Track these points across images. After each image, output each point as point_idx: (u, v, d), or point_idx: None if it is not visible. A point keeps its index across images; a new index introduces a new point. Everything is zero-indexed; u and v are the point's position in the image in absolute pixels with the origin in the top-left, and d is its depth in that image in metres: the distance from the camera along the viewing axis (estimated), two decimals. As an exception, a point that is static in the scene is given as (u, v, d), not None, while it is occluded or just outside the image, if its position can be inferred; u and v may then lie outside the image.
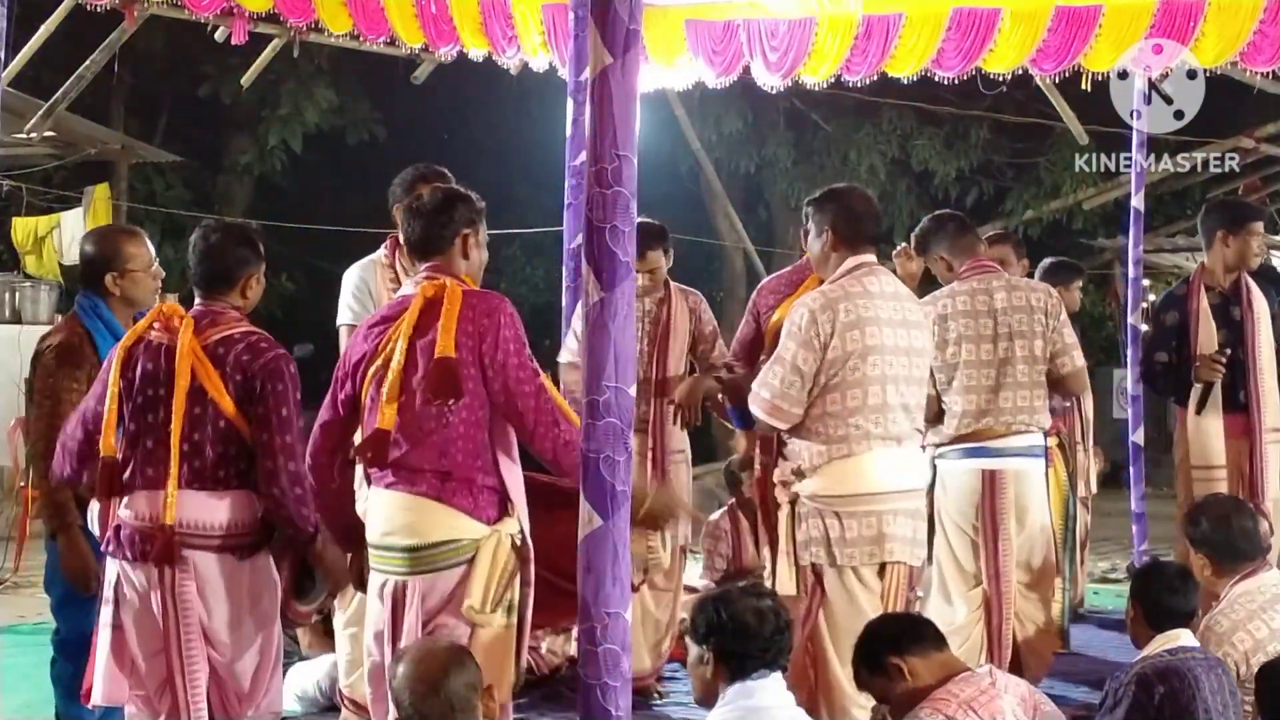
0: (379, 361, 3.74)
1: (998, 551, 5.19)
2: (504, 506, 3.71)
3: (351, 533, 3.93)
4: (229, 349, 3.91)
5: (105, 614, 4.01)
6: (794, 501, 4.65)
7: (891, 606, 4.57)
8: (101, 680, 3.99)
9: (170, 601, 3.88)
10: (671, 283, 6.19)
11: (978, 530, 5.22)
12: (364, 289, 5.10)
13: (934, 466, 5.35)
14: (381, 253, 5.18)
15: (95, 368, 4.35)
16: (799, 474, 4.63)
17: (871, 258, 4.74)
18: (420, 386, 3.64)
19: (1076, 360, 5.48)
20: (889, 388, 4.59)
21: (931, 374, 5.07)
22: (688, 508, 4.48)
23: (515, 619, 3.67)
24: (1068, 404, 6.64)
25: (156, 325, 4.01)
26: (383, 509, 3.74)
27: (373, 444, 3.68)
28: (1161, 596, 4.17)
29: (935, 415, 5.29)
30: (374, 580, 3.79)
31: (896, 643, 3.71)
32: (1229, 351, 6.00)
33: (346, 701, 5.22)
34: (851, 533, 4.55)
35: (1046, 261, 7.47)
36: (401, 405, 3.66)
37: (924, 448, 5.07)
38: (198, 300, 4.07)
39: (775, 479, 4.80)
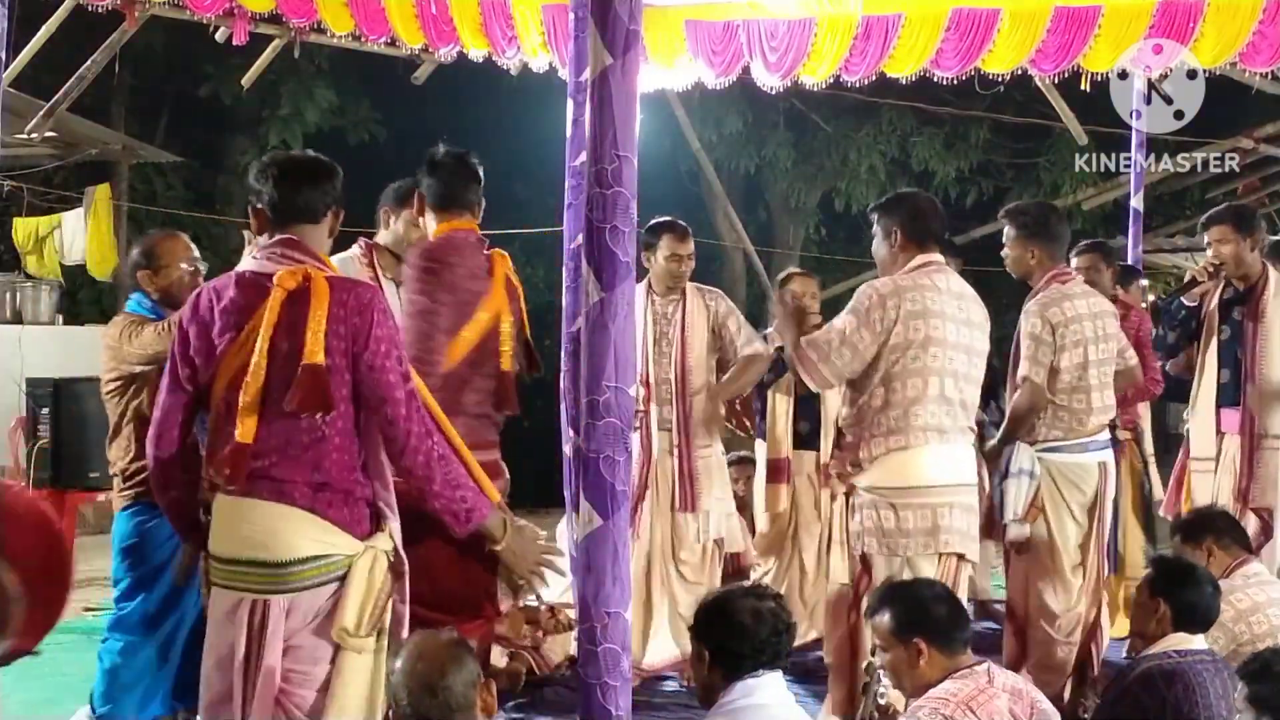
0: (233, 360, 3.31)
1: (1100, 538, 5.36)
2: (377, 520, 3.39)
3: (201, 529, 3.48)
4: None
5: None
6: (849, 493, 4.74)
7: None
8: None
9: None
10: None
11: (1090, 520, 5.34)
12: None
13: (1033, 460, 5.32)
14: (359, 252, 5.00)
15: None
16: (856, 465, 4.70)
17: (938, 257, 4.82)
18: (288, 397, 3.23)
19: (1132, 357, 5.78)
20: (948, 381, 4.67)
21: (1054, 371, 5.19)
22: (543, 561, 3.75)
23: (385, 642, 3.36)
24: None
25: None
26: (240, 520, 3.30)
27: (230, 460, 3.26)
28: (1200, 601, 4.20)
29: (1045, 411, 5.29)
30: (222, 600, 3.35)
31: (930, 628, 3.68)
32: (1220, 270, 6.10)
33: None
34: (908, 524, 4.63)
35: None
36: (266, 415, 3.27)
37: (1032, 443, 5.23)
38: None
39: (831, 470, 4.88)
